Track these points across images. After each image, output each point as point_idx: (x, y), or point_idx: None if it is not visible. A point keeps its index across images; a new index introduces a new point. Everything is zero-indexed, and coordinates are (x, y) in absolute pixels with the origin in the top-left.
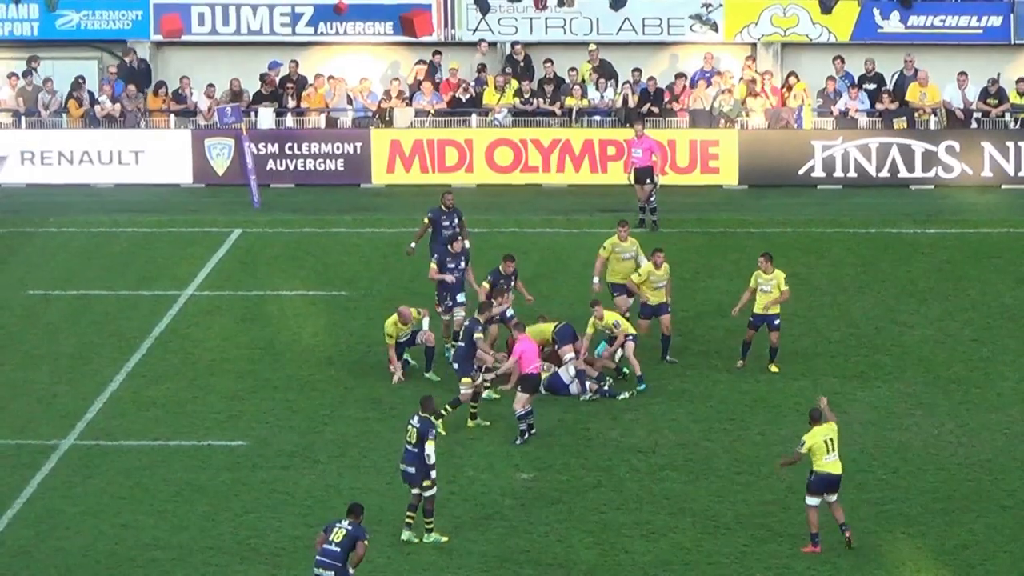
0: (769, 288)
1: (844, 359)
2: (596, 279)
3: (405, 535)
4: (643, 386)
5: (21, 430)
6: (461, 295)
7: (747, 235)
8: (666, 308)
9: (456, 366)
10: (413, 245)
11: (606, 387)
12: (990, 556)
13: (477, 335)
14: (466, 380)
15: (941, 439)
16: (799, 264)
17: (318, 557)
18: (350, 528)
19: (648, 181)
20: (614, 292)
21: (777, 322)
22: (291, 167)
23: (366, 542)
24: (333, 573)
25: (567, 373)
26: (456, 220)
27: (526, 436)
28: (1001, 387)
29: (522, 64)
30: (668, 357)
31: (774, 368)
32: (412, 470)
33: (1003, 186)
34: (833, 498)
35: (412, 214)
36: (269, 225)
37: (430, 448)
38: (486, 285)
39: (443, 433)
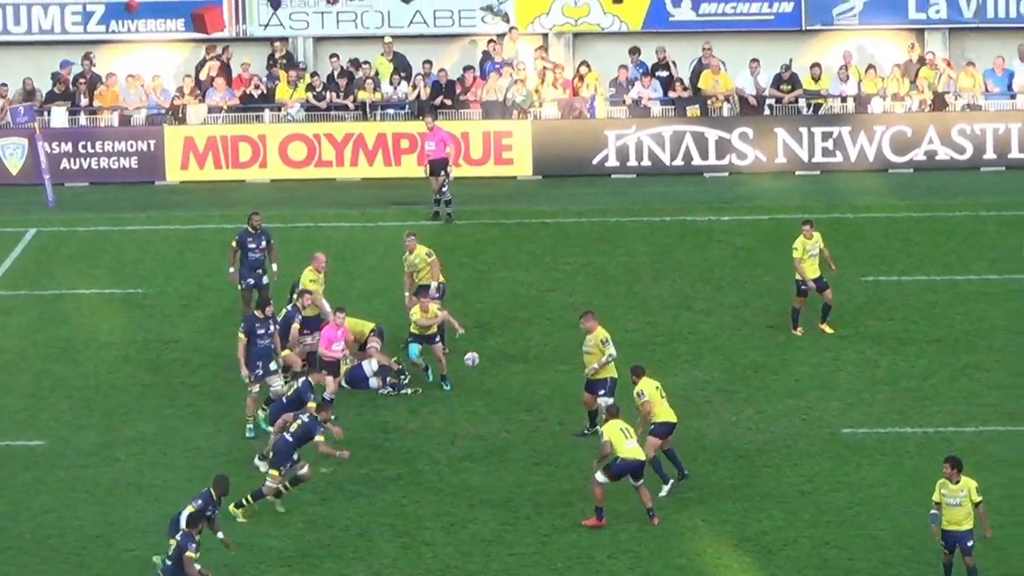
0: (816, 252)
1: (641, 347)
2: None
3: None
4: (448, 386)
5: None
6: (273, 363)
7: (542, 225)
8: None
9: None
10: (232, 270)
11: (405, 381)
12: (791, 542)
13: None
14: (274, 473)
15: (739, 426)
16: (594, 253)
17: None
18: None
19: (442, 173)
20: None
21: (825, 280)
22: (85, 166)
23: (188, 553)
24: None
25: (369, 367)
26: (264, 243)
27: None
28: (798, 373)
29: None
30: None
31: (828, 328)
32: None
33: (797, 172)
34: (639, 483)
35: (207, 210)
36: (64, 224)
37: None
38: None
39: (243, 521)
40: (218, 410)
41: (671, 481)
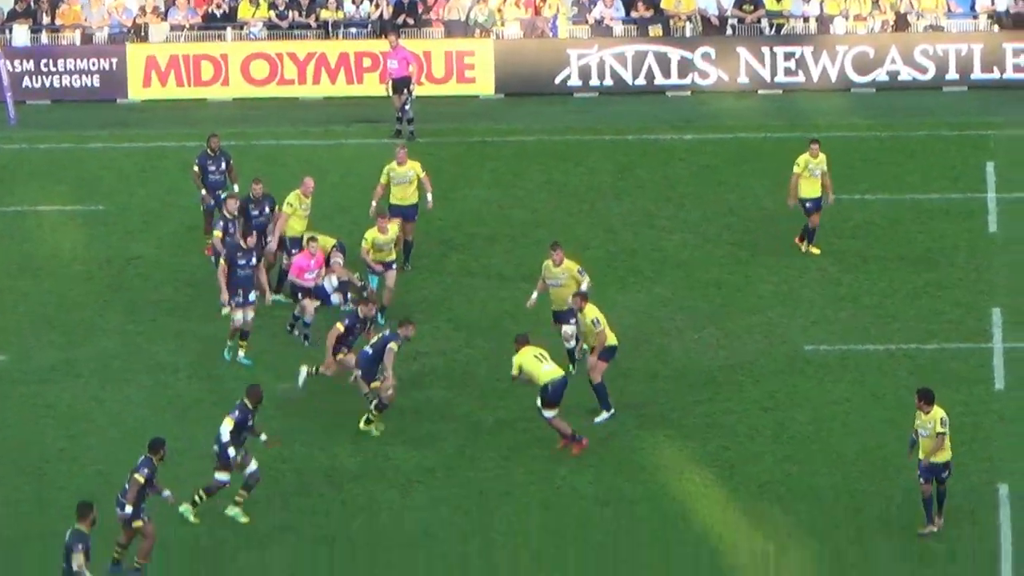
0: (818, 173)
1: (604, 264)
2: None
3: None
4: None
5: None
6: (253, 293)
7: (504, 143)
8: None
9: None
10: (204, 193)
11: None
12: (752, 458)
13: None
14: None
15: (702, 343)
16: (556, 171)
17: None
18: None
19: (405, 91)
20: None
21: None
22: (47, 84)
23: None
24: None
25: (330, 283)
26: (223, 164)
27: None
28: (761, 290)
29: None
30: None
31: (815, 250)
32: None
33: (759, 91)
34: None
35: (169, 128)
36: (26, 141)
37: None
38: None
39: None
40: (181, 326)
41: (611, 412)
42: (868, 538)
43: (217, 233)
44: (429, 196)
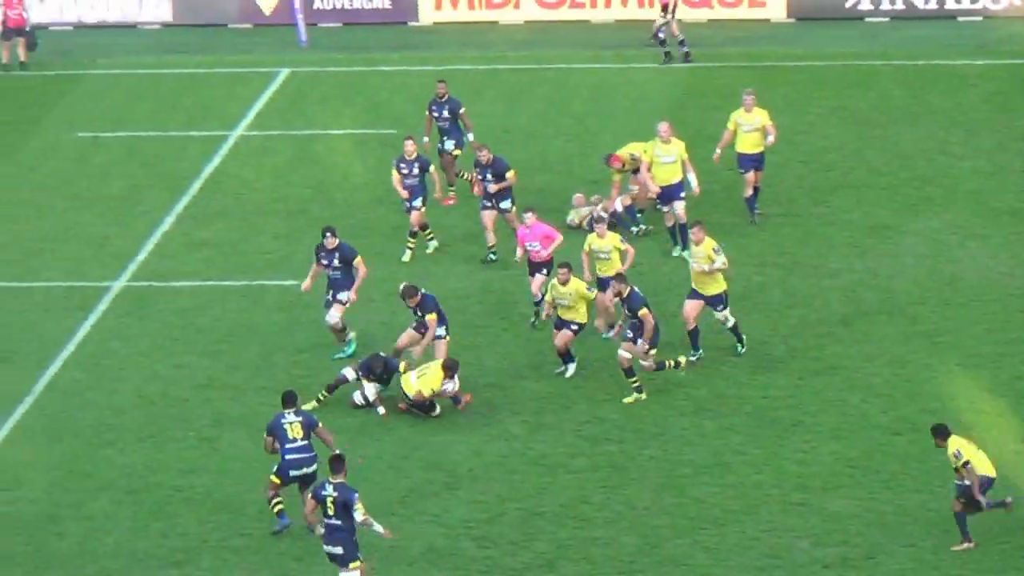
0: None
1: (894, 191)
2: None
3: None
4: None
5: (73, 273)
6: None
7: (795, 69)
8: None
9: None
10: (426, 139)
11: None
12: None
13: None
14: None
15: (994, 271)
16: (847, 97)
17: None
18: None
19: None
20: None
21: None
22: (338, 5)
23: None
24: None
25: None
26: (445, 112)
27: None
28: None
29: None
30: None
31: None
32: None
33: None
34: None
35: (459, 51)
36: (317, 64)
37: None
38: None
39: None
40: (470, 251)
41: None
42: None
43: (395, 174)
44: (771, 138)
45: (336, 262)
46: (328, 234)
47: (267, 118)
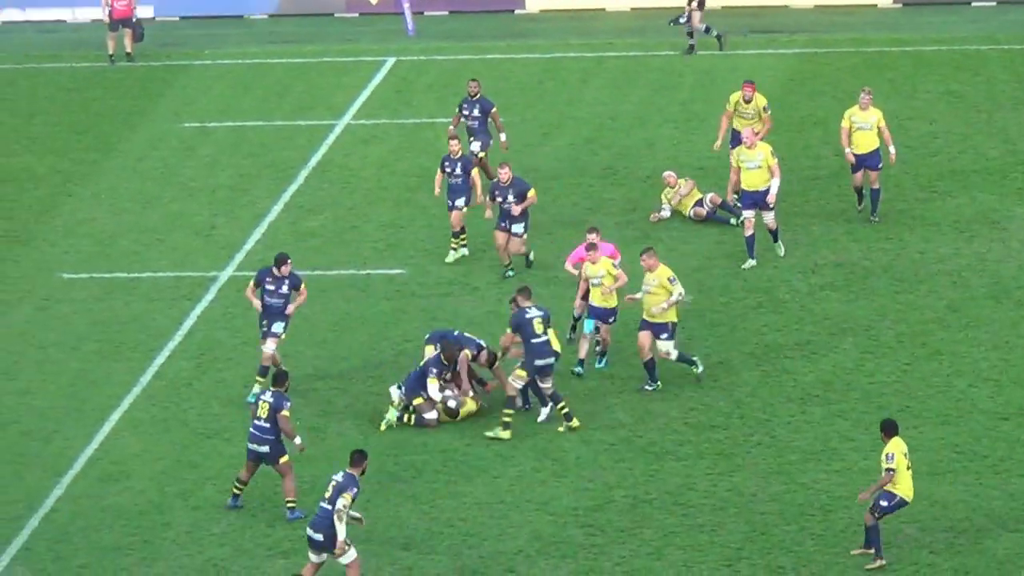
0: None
1: (1002, 176)
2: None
3: None
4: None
5: (180, 263)
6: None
7: (902, 54)
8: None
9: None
10: (452, 128)
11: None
12: None
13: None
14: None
15: None
16: (954, 81)
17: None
18: (271, 399)
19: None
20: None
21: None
22: None
23: (285, 412)
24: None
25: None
26: (476, 111)
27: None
28: None
29: None
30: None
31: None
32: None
33: None
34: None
35: (566, 39)
36: (423, 52)
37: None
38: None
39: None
40: (578, 238)
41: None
42: None
43: (438, 174)
44: (892, 149)
45: (284, 288)
46: (285, 261)
47: (373, 107)
